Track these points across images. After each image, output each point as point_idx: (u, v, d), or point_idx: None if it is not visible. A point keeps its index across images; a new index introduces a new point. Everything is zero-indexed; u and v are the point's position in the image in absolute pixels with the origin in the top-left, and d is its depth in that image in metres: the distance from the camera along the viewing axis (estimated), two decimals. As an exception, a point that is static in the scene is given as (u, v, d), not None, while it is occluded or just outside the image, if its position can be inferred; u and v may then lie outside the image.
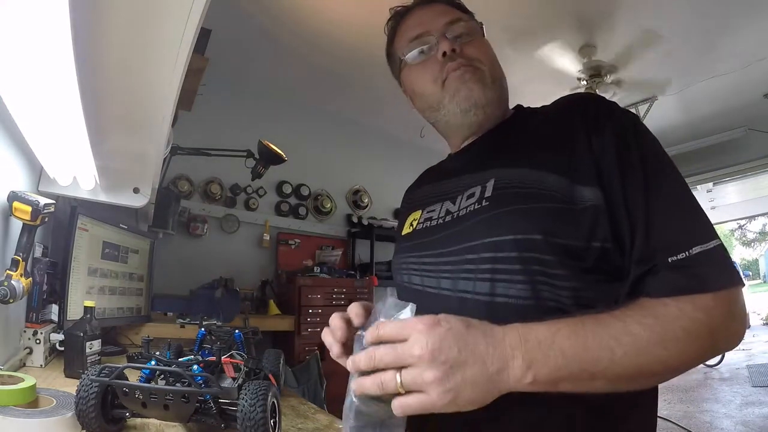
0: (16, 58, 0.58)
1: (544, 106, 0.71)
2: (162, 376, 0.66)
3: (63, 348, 1.02)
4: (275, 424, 0.64)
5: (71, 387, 0.69)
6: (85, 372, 0.64)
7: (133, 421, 0.69)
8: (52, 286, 1.24)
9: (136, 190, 1.26)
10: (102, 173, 1.10)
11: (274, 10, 2.42)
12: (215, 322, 0.95)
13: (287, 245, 3.24)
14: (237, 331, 0.96)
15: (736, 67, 2.98)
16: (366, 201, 3.77)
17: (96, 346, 1.03)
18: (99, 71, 0.71)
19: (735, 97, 3.41)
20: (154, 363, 0.68)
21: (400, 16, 0.77)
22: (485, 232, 0.58)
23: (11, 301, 0.89)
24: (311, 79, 3.13)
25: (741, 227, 18.98)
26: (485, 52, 0.71)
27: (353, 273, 3.32)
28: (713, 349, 0.49)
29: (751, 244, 20.11)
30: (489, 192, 0.62)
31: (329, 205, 3.54)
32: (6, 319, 0.98)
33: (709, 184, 4.39)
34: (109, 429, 0.63)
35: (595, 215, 0.53)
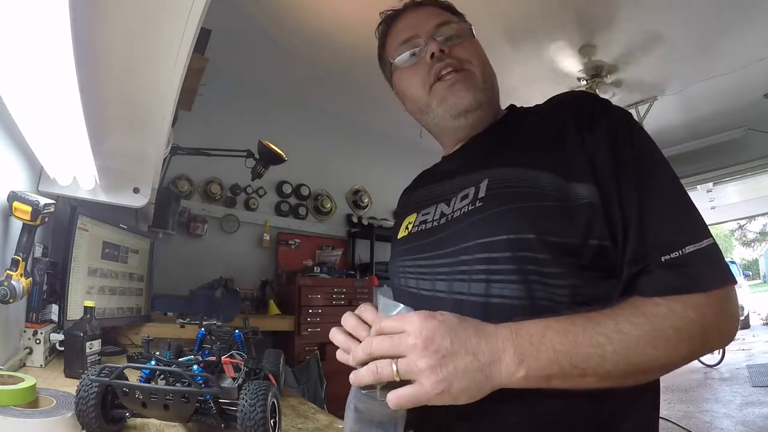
0: (16, 58, 0.58)
1: (538, 105, 0.70)
2: (162, 376, 0.66)
3: (63, 348, 1.02)
4: (275, 424, 0.64)
5: (71, 387, 0.69)
6: (85, 372, 0.64)
7: (133, 421, 0.69)
8: (52, 286, 1.24)
9: (136, 190, 1.26)
10: (102, 173, 1.10)
11: (274, 10, 2.42)
12: (215, 322, 0.95)
13: (287, 245, 3.24)
14: (237, 331, 0.96)
15: (736, 67, 2.98)
16: (366, 201, 3.77)
17: (96, 346, 1.03)
18: (99, 71, 0.71)
19: (735, 97, 3.41)
20: (154, 363, 0.68)
21: (390, 20, 0.78)
22: (479, 232, 0.58)
23: (11, 301, 0.89)
24: (311, 79, 3.13)
25: (741, 227, 18.97)
26: (475, 52, 0.71)
27: (353, 273, 3.32)
28: (705, 347, 0.50)
29: (751, 244, 20.10)
30: (482, 193, 0.62)
31: (329, 205, 3.54)
32: (6, 319, 0.98)
33: (709, 184, 4.39)
34: (109, 429, 0.63)
35: (591, 212, 0.53)
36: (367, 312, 0.55)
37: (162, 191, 2.11)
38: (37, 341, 1.07)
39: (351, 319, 0.55)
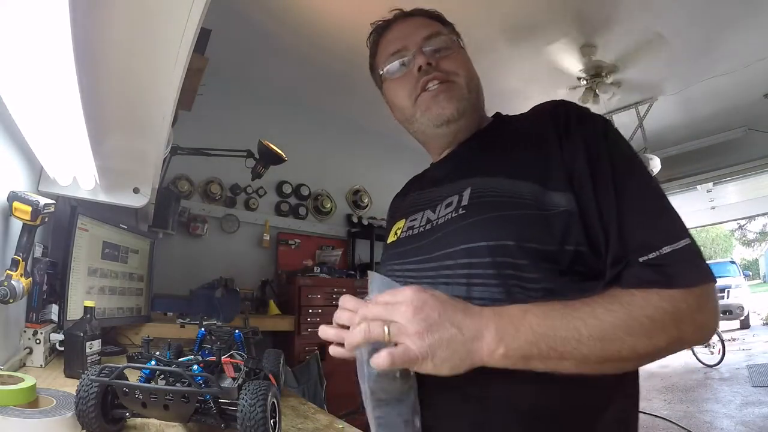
0: (16, 58, 0.58)
1: (522, 113, 0.73)
2: (162, 376, 0.66)
3: (63, 348, 1.02)
4: (275, 424, 0.64)
5: (71, 387, 0.69)
6: (85, 372, 0.64)
7: (133, 421, 0.69)
8: (52, 286, 1.24)
9: (136, 190, 1.26)
10: (102, 173, 1.10)
11: (274, 10, 2.42)
12: (215, 322, 0.95)
13: (287, 245, 3.24)
14: (237, 331, 0.96)
15: (736, 67, 2.98)
16: (366, 201, 3.77)
17: (96, 346, 1.03)
18: (99, 71, 0.71)
19: (735, 97, 3.41)
20: (154, 363, 0.68)
21: (381, 30, 0.80)
22: (461, 239, 0.61)
23: (11, 301, 0.89)
24: (311, 79, 3.13)
25: (741, 227, 18.98)
26: (462, 64, 0.74)
27: (353, 273, 3.32)
28: (680, 339, 0.52)
29: (751, 244, 20.11)
30: (465, 201, 0.65)
31: (329, 205, 3.54)
32: (6, 319, 0.98)
33: (709, 184, 4.39)
34: (109, 429, 0.63)
35: (567, 220, 0.56)
36: (349, 302, 0.58)
37: (162, 191, 2.11)
38: (37, 341, 1.07)
39: (345, 314, 0.57)
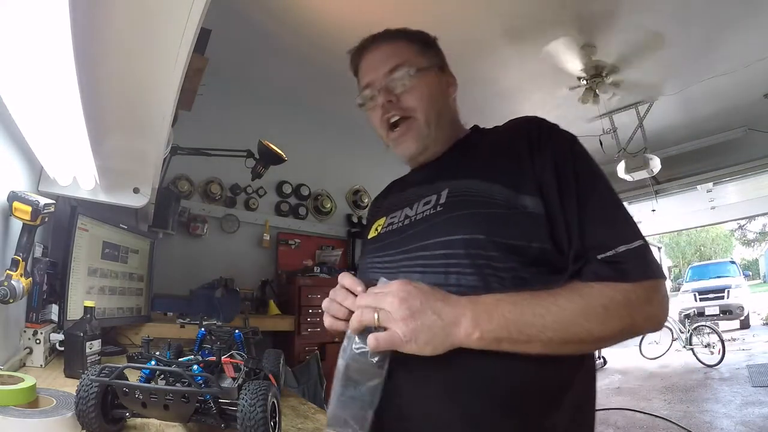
0: (16, 58, 0.58)
1: (497, 126, 0.81)
2: (162, 376, 0.66)
3: (63, 348, 1.02)
4: (275, 424, 0.64)
5: (71, 387, 0.69)
6: (85, 372, 0.64)
7: (133, 421, 0.69)
8: (52, 286, 1.24)
9: (136, 190, 1.26)
10: (102, 173, 1.10)
11: (274, 10, 2.42)
12: (215, 322, 0.95)
13: (287, 245, 3.24)
14: (237, 331, 0.96)
15: (736, 67, 2.97)
16: (366, 201, 3.77)
17: (96, 346, 1.03)
18: (99, 71, 0.71)
19: (735, 97, 3.41)
20: (154, 363, 0.68)
21: (356, 58, 0.88)
22: (439, 232, 0.69)
23: (11, 301, 0.89)
24: (311, 79, 3.13)
25: (741, 227, 18.98)
26: (420, 98, 0.80)
27: (353, 273, 3.31)
28: (632, 326, 0.60)
29: (751, 244, 20.11)
30: (443, 199, 0.73)
31: (329, 205, 3.54)
32: (6, 319, 0.98)
33: (709, 184, 4.38)
34: (109, 429, 0.63)
35: (534, 220, 0.64)
36: (346, 279, 0.68)
37: (162, 191, 2.11)
38: (37, 341, 1.07)
39: (340, 292, 0.68)
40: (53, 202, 1.00)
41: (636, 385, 5.56)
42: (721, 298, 8.88)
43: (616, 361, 7.23)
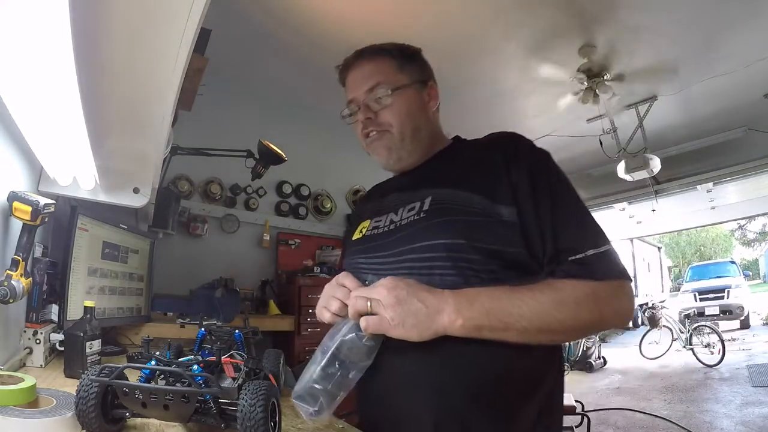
0: (16, 58, 0.58)
1: (477, 139, 0.88)
2: (162, 376, 0.66)
3: (63, 348, 1.02)
4: (275, 424, 0.64)
5: (71, 387, 0.69)
6: (85, 372, 0.64)
7: (133, 421, 0.69)
8: (52, 286, 1.24)
9: (136, 190, 1.26)
10: (102, 173, 1.10)
11: (274, 10, 2.42)
12: (215, 322, 0.95)
13: (287, 245, 3.24)
14: (237, 331, 0.95)
15: (736, 67, 2.97)
16: (366, 201, 3.77)
17: (96, 346, 1.03)
18: (99, 71, 0.71)
19: (735, 97, 3.41)
20: (154, 363, 0.68)
21: (343, 73, 0.94)
22: (423, 236, 0.75)
23: (11, 301, 0.89)
24: (311, 79, 3.12)
25: (741, 227, 18.98)
26: (397, 115, 0.86)
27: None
28: (601, 319, 0.68)
29: (751, 244, 20.12)
30: (426, 206, 0.79)
31: (329, 205, 3.54)
32: (6, 319, 0.98)
33: (709, 184, 4.38)
34: (109, 429, 0.63)
35: (510, 228, 0.71)
36: (347, 279, 0.74)
37: (162, 191, 2.11)
38: (37, 341, 1.07)
39: (339, 289, 0.74)
40: (53, 202, 1.00)
41: (636, 385, 5.56)
42: (721, 298, 8.89)
43: (616, 361, 7.23)
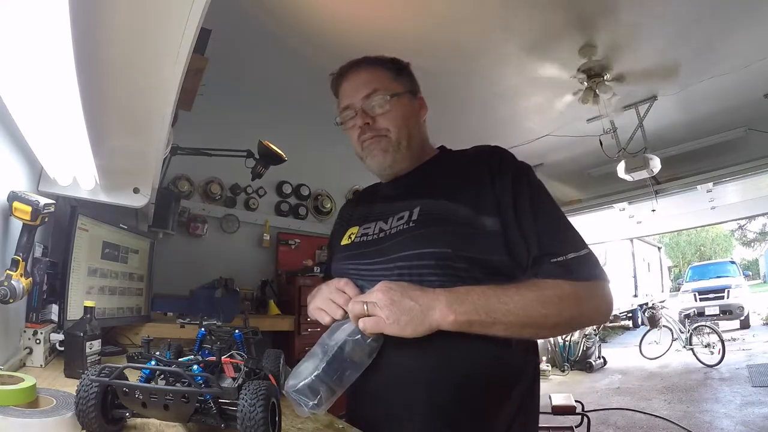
0: (16, 58, 0.58)
1: (463, 150, 0.93)
2: (162, 376, 0.66)
3: (63, 348, 1.02)
4: (275, 424, 0.64)
5: (71, 387, 0.69)
6: (85, 372, 0.64)
7: (133, 421, 0.69)
8: (52, 286, 1.24)
9: (136, 190, 1.26)
10: (102, 173, 1.10)
11: (274, 10, 2.42)
12: (215, 322, 0.94)
13: (287, 245, 3.24)
14: (237, 331, 0.95)
15: (736, 67, 2.97)
16: (366, 201, 3.77)
17: (96, 346, 1.03)
18: (99, 71, 0.71)
19: (735, 97, 3.40)
20: (154, 363, 0.68)
21: (338, 81, 0.97)
22: (412, 245, 0.79)
23: (11, 301, 0.89)
24: (311, 79, 3.11)
25: (741, 227, 18.98)
26: (394, 119, 0.89)
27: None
28: (581, 316, 0.74)
29: (751, 244, 20.11)
30: (415, 216, 0.83)
31: (329, 205, 3.55)
32: (6, 319, 0.98)
33: (709, 184, 4.37)
34: (109, 429, 0.63)
35: (494, 238, 0.76)
36: (348, 286, 0.79)
37: (162, 191, 2.11)
38: (37, 341, 1.07)
39: (338, 295, 0.79)
40: (53, 202, 1.00)
41: (636, 385, 5.56)
42: (721, 298, 8.89)
43: (616, 361, 7.24)
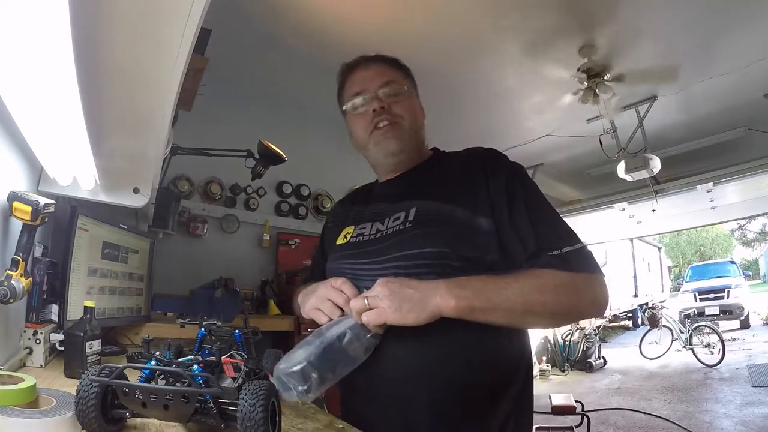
0: (16, 58, 0.58)
1: (457, 152, 0.96)
2: (162, 376, 0.66)
3: (63, 348, 1.02)
4: (275, 424, 0.64)
5: (71, 387, 0.69)
6: (85, 372, 0.64)
7: (133, 421, 0.69)
8: (52, 286, 1.24)
9: (136, 190, 1.25)
10: (102, 173, 1.10)
11: (274, 10, 2.42)
12: (215, 322, 0.94)
13: (287, 245, 3.24)
14: (237, 331, 0.95)
15: (736, 67, 2.97)
16: (366, 201, 3.77)
17: (96, 346, 1.03)
18: (99, 71, 0.71)
19: (735, 97, 3.40)
20: (154, 363, 0.68)
21: (348, 71, 1.00)
22: (411, 245, 0.81)
23: (11, 301, 0.89)
24: (311, 79, 3.12)
25: (741, 227, 18.98)
26: (408, 110, 0.93)
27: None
28: (578, 306, 0.76)
29: (751, 244, 20.12)
30: (411, 217, 0.85)
31: (329, 205, 3.54)
32: (6, 319, 0.98)
33: (709, 184, 4.37)
34: (109, 429, 0.63)
35: (488, 238, 0.79)
36: (346, 286, 0.80)
37: (162, 191, 2.11)
38: (37, 341, 1.07)
39: (341, 297, 0.80)
40: (53, 202, 1.00)
41: (636, 385, 5.56)
42: (721, 298, 8.89)
43: (616, 361, 7.24)
